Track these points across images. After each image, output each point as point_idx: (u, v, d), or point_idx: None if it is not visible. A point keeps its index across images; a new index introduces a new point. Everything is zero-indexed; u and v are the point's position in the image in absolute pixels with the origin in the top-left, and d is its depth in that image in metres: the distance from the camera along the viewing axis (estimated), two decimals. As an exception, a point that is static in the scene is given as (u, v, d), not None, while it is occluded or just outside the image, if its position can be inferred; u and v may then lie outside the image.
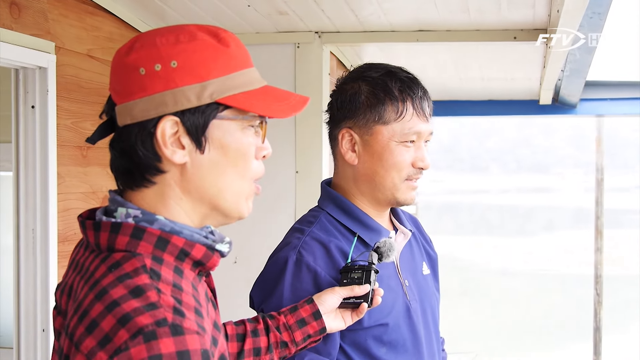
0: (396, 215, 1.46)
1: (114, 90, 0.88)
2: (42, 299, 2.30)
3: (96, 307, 0.78)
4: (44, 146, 2.29)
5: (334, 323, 1.21)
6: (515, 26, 2.85)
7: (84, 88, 2.52)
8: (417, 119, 1.33)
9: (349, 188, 1.38)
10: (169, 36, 0.86)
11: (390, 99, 1.32)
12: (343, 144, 1.35)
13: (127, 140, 0.86)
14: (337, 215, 1.36)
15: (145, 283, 0.79)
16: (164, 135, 0.85)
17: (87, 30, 2.54)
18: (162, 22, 2.86)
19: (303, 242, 1.29)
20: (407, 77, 1.36)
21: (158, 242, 0.84)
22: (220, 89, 0.86)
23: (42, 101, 2.28)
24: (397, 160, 1.32)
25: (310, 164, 2.95)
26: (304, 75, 2.97)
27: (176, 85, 0.84)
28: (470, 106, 5.21)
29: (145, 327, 0.75)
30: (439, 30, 2.94)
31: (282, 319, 1.18)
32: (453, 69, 4.15)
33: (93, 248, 0.87)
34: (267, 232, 2.85)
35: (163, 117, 0.84)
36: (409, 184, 1.35)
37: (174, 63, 0.84)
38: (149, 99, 0.84)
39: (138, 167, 0.86)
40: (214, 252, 0.88)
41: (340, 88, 1.40)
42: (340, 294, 1.21)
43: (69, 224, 2.43)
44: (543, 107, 4.95)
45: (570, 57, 3.31)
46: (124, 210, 0.86)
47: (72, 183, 2.45)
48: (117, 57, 0.88)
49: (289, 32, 2.97)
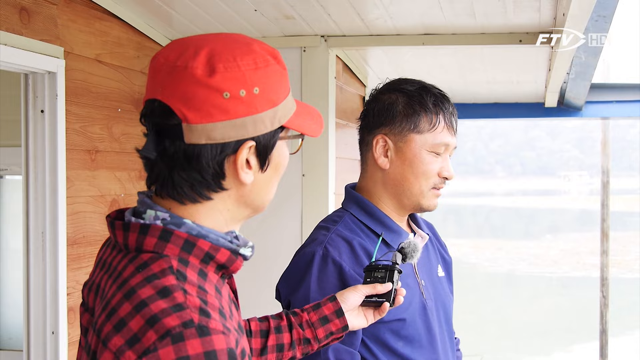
0: (414, 220, 1.55)
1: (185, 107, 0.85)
2: (51, 302, 2.31)
3: (125, 306, 0.80)
4: (53, 150, 2.31)
5: (356, 321, 1.24)
6: (520, 29, 2.86)
7: (93, 92, 2.53)
8: (447, 132, 1.45)
9: (375, 191, 1.47)
10: (247, 59, 0.87)
11: (425, 111, 1.43)
12: (377, 149, 1.45)
13: (199, 158, 0.86)
14: (360, 217, 1.44)
15: (172, 284, 0.81)
16: (242, 159, 0.88)
17: (96, 35, 2.56)
18: (169, 27, 2.87)
19: (329, 239, 1.38)
20: (440, 93, 1.47)
21: (185, 245, 0.86)
22: (284, 113, 0.91)
23: (52, 106, 2.30)
24: (427, 168, 1.43)
25: (316, 167, 2.96)
26: (310, 78, 2.98)
27: (257, 112, 0.87)
28: (476, 109, 5.21)
29: (172, 328, 0.77)
30: (444, 34, 2.95)
31: (305, 316, 1.20)
32: (458, 72, 4.16)
33: (121, 248, 0.88)
34: (273, 234, 2.85)
35: (244, 142, 0.87)
36: (434, 192, 1.45)
37: (257, 90, 0.87)
38: (231, 123, 0.86)
39: (201, 184, 0.88)
40: (237, 256, 0.91)
41: (377, 97, 1.49)
42: (363, 292, 1.24)
43: (78, 227, 2.44)
44: (548, 109, 4.94)
45: (575, 60, 3.31)
46: (152, 213, 0.88)
47: (81, 187, 2.47)
48: (191, 75, 0.85)
49: (296, 36, 2.98)
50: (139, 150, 0.88)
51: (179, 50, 0.88)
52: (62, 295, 2.33)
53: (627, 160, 73.47)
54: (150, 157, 0.87)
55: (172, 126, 0.86)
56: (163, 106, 0.86)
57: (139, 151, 0.88)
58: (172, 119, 0.85)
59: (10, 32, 2.12)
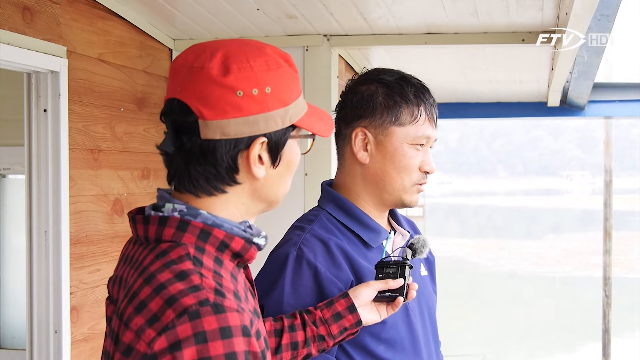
0: (394, 217, 1.49)
1: (201, 105, 0.92)
2: (54, 301, 2.32)
3: (145, 290, 0.86)
4: (56, 149, 2.31)
5: (369, 315, 1.26)
6: (523, 28, 2.85)
7: (95, 92, 2.54)
8: (428, 124, 1.38)
9: (354, 187, 1.41)
10: (260, 60, 0.94)
11: (406, 103, 1.36)
12: (356, 143, 1.38)
13: (214, 153, 0.92)
14: (337, 215, 1.39)
15: (189, 268, 0.87)
16: (255, 154, 0.94)
17: (99, 34, 2.56)
18: (172, 26, 2.88)
19: (303, 239, 1.33)
20: (419, 84, 1.41)
21: (201, 234, 0.92)
22: (295, 112, 0.97)
23: (54, 105, 2.30)
24: (409, 162, 1.37)
25: (319, 166, 2.96)
26: (312, 78, 2.98)
27: (268, 110, 0.93)
28: (478, 108, 5.21)
29: (189, 307, 0.82)
30: (447, 33, 2.95)
31: (319, 313, 1.23)
32: (461, 72, 4.15)
33: (142, 241, 0.95)
34: (275, 234, 2.85)
35: (257, 138, 0.93)
36: (417, 188, 1.39)
37: (268, 89, 0.93)
38: (244, 120, 0.92)
39: (216, 177, 0.94)
40: (251, 245, 0.96)
41: (354, 89, 1.41)
42: (375, 287, 1.26)
43: (80, 226, 2.44)
44: (551, 109, 4.94)
45: (578, 60, 3.31)
46: (170, 205, 0.94)
47: (83, 186, 2.47)
48: (207, 75, 0.92)
49: (298, 36, 2.98)
50: (159, 146, 0.94)
51: (197, 52, 0.95)
52: (65, 294, 2.33)
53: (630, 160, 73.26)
54: (168, 151, 0.94)
55: (189, 123, 0.92)
56: (181, 104, 0.93)
57: (159, 147, 0.94)
58: (190, 116, 0.92)
59: (13, 31, 2.12)
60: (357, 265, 1.32)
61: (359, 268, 1.33)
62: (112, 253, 2.59)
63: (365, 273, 1.32)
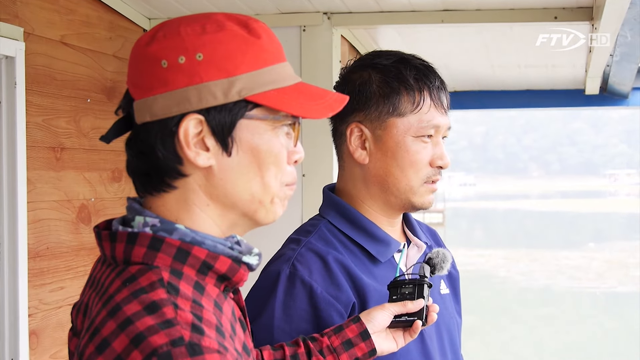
0: (410, 225, 1.47)
1: (132, 84, 0.91)
2: (10, 325, 2.31)
3: (108, 325, 0.82)
4: (11, 147, 2.30)
5: (384, 344, 1.23)
6: (556, 4, 2.84)
7: (58, 80, 2.54)
8: (435, 111, 1.35)
9: (357, 192, 1.39)
10: (195, 25, 0.89)
11: (405, 89, 1.34)
12: (352, 141, 1.37)
13: (146, 139, 0.89)
14: (339, 224, 1.37)
15: (161, 298, 0.83)
16: (187, 135, 0.88)
17: (61, 13, 2.56)
18: (147, 4, 2.87)
19: (298, 254, 1.31)
20: (422, 64, 1.37)
21: (177, 254, 0.88)
22: (250, 85, 0.89)
23: (9, 95, 2.30)
24: (414, 158, 1.34)
25: (318, 166, 2.96)
26: (310, 62, 2.97)
27: (201, 80, 0.87)
28: (506, 97, 5.21)
29: (159, 347, 0.78)
30: (467, 10, 2.94)
31: (326, 340, 1.20)
32: (484, 55, 4.15)
33: (110, 261, 0.91)
34: (271, 241, 2.84)
35: (186, 115, 0.88)
36: (428, 187, 1.37)
37: (200, 56, 0.88)
38: (171, 94, 0.87)
39: (157, 170, 0.90)
40: (240, 265, 0.92)
41: (347, 78, 1.40)
42: (392, 311, 1.23)
43: (41, 237, 2.44)
44: (589, 97, 4.94)
45: (620, 40, 3.30)
46: (141, 219, 0.90)
47: (43, 190, 2.47)
48: (136, 47, 0.91)
49: (294, 14, 2.97)
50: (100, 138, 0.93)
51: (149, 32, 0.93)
52: (23, 317, 2.33)
53: (684, 156, 72.93)
54: (105, 141, 0.93)
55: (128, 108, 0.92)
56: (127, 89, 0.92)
57: (100, 138, 0.93)
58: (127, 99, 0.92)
59: (-40, 10, 2.12)
60: (360, 284, 1.31)
61: (363, 287, 1.31)
62: (77, 268, 2.59)
63: (370, 293, 1.31)
